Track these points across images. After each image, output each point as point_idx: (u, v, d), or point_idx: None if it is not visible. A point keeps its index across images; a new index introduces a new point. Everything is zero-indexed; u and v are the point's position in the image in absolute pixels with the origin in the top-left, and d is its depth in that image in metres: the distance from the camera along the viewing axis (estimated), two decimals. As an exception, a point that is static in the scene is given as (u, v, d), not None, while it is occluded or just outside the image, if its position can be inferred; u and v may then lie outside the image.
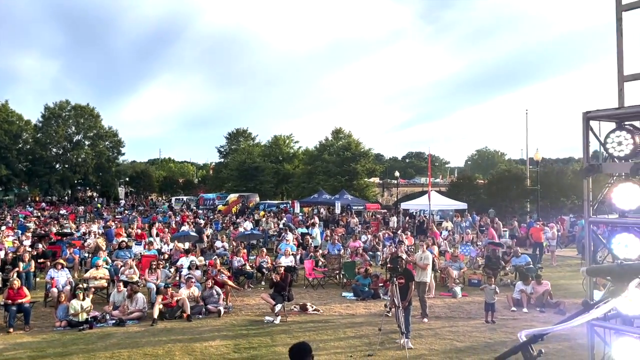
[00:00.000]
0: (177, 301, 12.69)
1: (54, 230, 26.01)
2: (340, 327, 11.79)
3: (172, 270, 16.63)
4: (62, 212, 42.78)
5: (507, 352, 2.43)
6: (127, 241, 19.99)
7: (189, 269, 15.56)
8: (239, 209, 42.35)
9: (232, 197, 47.02)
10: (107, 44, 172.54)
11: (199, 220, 31.19)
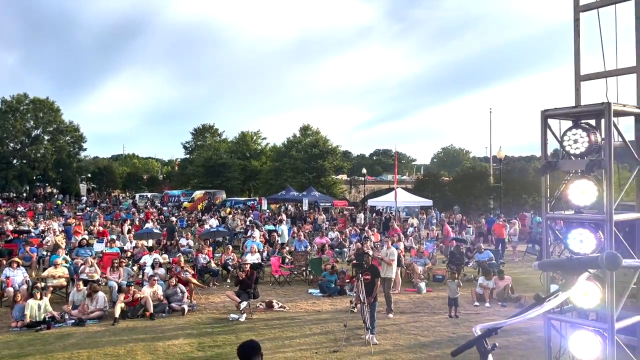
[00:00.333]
0: (139, 299, 12.43)
1: (10, 227, 25.14)
2: (306, 323, 11.79)
3: (134, 268, 16.30)
4: (20, 209, 41.35)
5: (462, 346, 2.46)
6: (88, 239, 19.48)
7: (153, 267, 15.27)
8: (205, 206, 41.89)
9: (198, 193, 46.47)
10: (68, 37, 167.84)
11: (171, 217, 30.75)
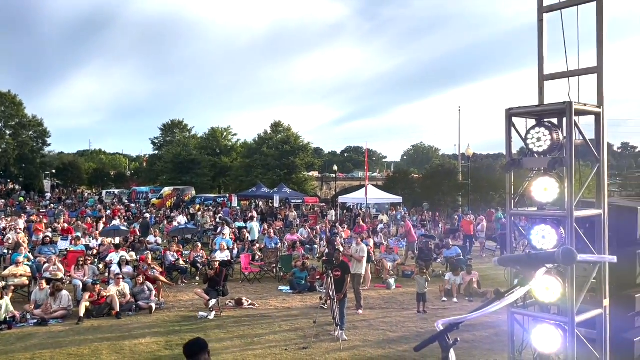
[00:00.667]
0: (105, 298, 12.17)
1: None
2: (275, 320, 11.76)
3: (100, 266, 15.96)
4: (-20, 206, 39.91)
5: (424, 341, 2.48)
6: (52, 236, 18.96)
7: (120, 264, 14.96)
8: (174, 203, 41.29)
9: (167, 190, 45.76)
10: (31, 28, 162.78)
11: (145, 214, 30.17)
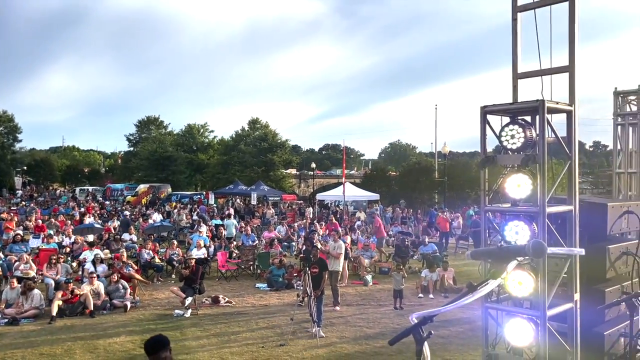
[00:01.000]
0: (78, 297, 11.96)
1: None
2: (252, 318, 11.72)
3: (74, 264, 15.67)
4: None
5: (399, 335, 2.51)
6: (23, 234, 18.54)
7: (94, 263, 14.71)
8: (149, 200, 40.77)
9: (142, 187, 45.17)
10: (0, 22, 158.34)
11: (125, 212, 29.76)
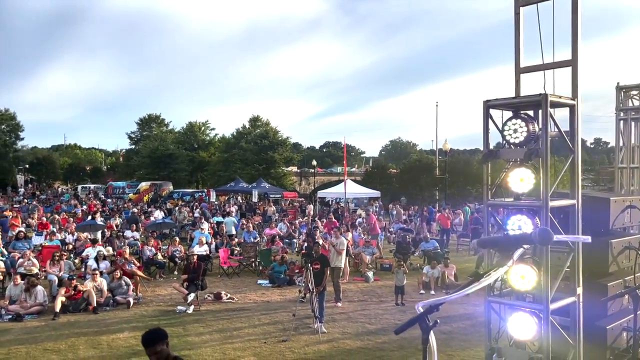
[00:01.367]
0: (81, 293, 12.01)
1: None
2: (254, 314, 11.76)
3: (76, 261, 15.73)
4: (-50, 201, 38.88)
5: (404, 324, 2.52)
6: (26, 232, 18.59)
7: (96, 259, 14.76)
8: (151, 198, 40.85)
9: (144, 185, 45.27)
10: (1, 20, 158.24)
11: (133, 209, 29.95)
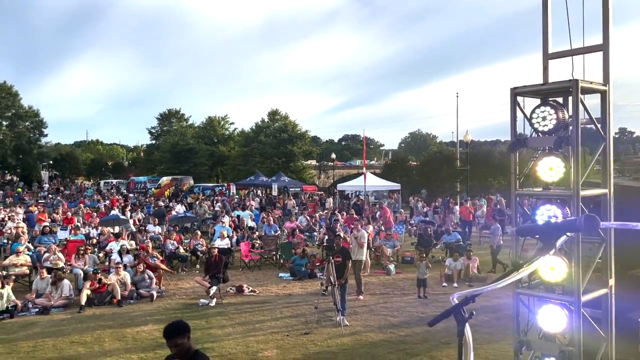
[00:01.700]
0: (106, 286, 12.18)
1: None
2: (277, 307, 11.78)
3: (100, 255, 15.96)
4: (-22, 197, 39.75)
5: (439, 316, 2.46)
6: (51, 226, 18.92)
7: (120, 253, 14.95)
8: (172, 192, 41.19)
9: (165, 180, 45.62)
10: (24, 19, 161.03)
11: (159, 202, 30.34)
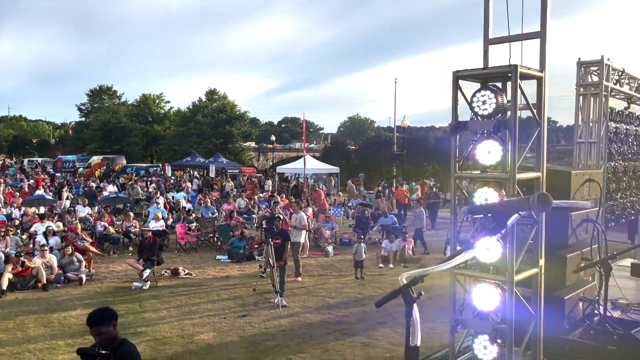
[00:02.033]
0: (30, 270, 11.49)
1: None
2: (213, 289, 11.60)
3: (24, 237, 15.05)
4: None
5: (387, 296, 2.44)
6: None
7: (45, 235, 14.14)
8: (103, 172, 39.45)
9: (95, 159, 43.56)
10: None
11: (90, 183, 28.61)
